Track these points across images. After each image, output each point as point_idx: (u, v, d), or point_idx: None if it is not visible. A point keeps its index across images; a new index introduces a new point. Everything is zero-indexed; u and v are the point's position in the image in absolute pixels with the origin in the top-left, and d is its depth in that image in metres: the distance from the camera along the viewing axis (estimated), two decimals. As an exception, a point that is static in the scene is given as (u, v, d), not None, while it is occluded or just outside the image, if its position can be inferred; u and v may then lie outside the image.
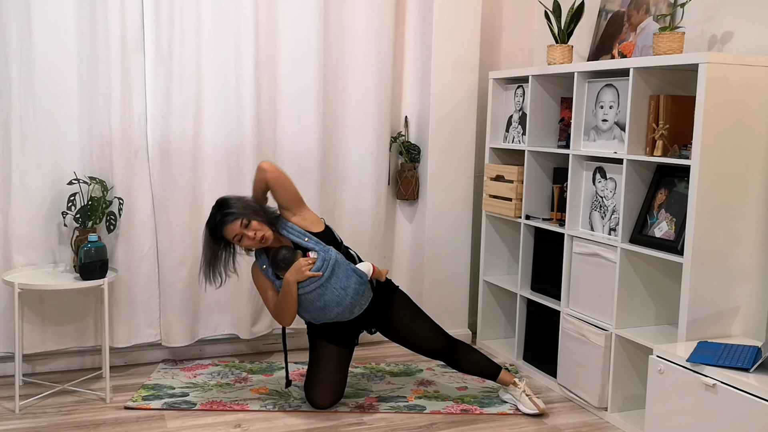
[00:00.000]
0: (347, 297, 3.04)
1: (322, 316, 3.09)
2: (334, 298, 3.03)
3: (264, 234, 3.04)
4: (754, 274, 2.86)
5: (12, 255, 3.38)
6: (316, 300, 3.04)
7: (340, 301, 3.04)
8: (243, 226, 3.01)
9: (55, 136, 3.39)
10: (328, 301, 3.04)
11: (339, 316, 3.09)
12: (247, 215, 3.02)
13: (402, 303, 3.29)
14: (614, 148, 3.16)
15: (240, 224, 3.01)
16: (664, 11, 3.26)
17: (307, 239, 3.11)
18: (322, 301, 3.04)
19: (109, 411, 3.15)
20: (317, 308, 3.07)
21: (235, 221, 3.01)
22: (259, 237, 3.02)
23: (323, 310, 3.07)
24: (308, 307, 3.08)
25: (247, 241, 3.04)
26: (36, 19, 3.29)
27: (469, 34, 4.01)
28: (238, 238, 3.04)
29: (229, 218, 3.02)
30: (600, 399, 3.18)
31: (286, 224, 3.14)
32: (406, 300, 3.32)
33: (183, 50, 3.51)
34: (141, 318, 3.62)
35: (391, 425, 3.08)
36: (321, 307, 3.06)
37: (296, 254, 3.08)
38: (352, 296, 3.05)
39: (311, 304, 3.06)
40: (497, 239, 4.07)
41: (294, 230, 3.13)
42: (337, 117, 3.88)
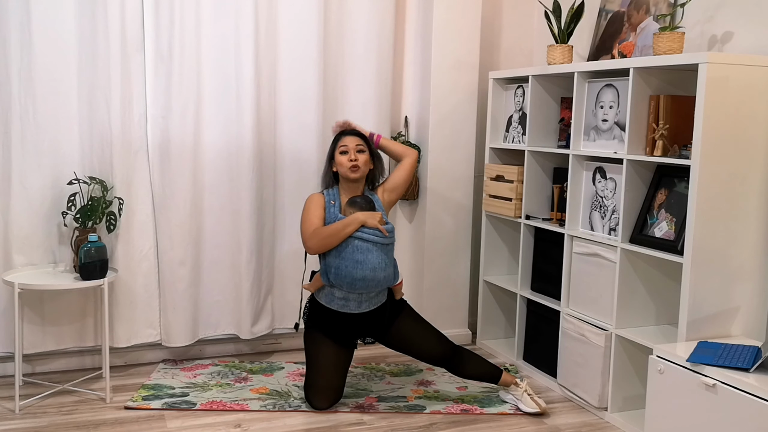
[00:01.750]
0: (381, 272, 3.08)
1: (350, 269, 3.04)
2: (373, 262, 3.05)
3: (361, 167, 3.19)
4: (754, 274, 2.86)
5: (12, 255, 3.38)
6: (360, 251, 3.05)
7: (374, 268, 3.06)
8: (358, 147, 3.20)
9: (55, 136, 3.39)
10: (368, 259, 3.04)
11: (360, 283, 3.05)
12: (370, 149, 3.25)
13: (406, 314, 3.31)
14: (614, 148, 3.16)
15: (359, 144, 3.21)
16: (664, 11, 3.26)
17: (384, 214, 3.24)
18: (365, 255, 3.04)
19: (109, 411, 3.16)
20: (353, 259, 3.04)
21: (360, 140, 3.23)
22: (357, 162, 3.17)
23: (356, 264, 3.04)
24: (347, 253, 3.05)
25: (344, 158, 3.18)
26: (36, 19, 3.29)
27: (469, 34, 4.01)
28: (345, 148, 3.19)
29: (359, 135, 3.25)
30: (600, 399, 3.18)
31: (374, 195, 3.30)
32: (410, 312, 3.34)
33: (183, 50, 3.51)
34: (141, 318, 3.62)
35: (391, 425, 3.08)
36: (357, 260, 3.04)
37: (374, 208, 3.20)
38: (384, 277, 3.10)
39: (352, 252, 3.05)
40: (497, 239, 4.07)
41: (378, 201, 3.27)
42: (338, 117, 3.87)
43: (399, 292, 3.30)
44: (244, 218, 3.70)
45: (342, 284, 3.08)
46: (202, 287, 3.73)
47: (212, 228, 3.70)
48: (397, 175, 3.35)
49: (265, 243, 3.80)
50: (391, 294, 3.27)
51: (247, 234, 3.71)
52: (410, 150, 3.40)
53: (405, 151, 3.39)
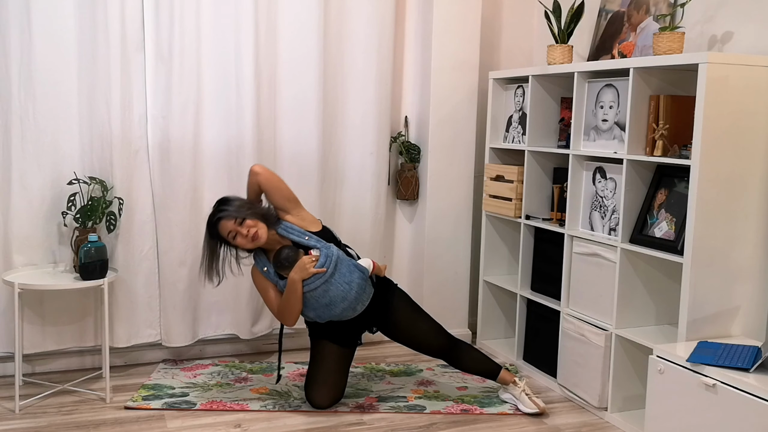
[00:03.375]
0: (352, 291, 3.05)
1: (328, 312, 3.10)
2: (339, 293, 3.04)
3: (257, 231, 3.05)
4: (754, 274, 2.86)
5: (12, 255, 3.38)
6: (321, 297, 3.05)
7: (345, 296, 3.05)
8: (237, 223, 3.04)
9: (55, 136, 3.39)
10: (333, 296, 3.05)
11: (344, 312, 3.09)
12: (241, 213, 3.05)
13: (402, 301, 3.30)
14: (614, 148, 3.16)
15: (234, 222, 3.04)
16: (664, 11, 3.26)
17: (308, 237, 3.13)
18: (327, 297, 3.05)
19: (109, 411, 3.15)
20: (322, 305, 3.07)
21: (229, 218, 3.05)
22: (252, 234, 3.03)
23: (328, 307, 3.07)
24: (313, 304, 3.08)
25: (240, 239, 3.05)
26: (36, 19, 3.29)
27: (469, 34, 4.01)
28: (232, 235, 3.06)
29: (224, 215, 3.06)
30: (600, 399, 3.18)
31: (285, 224, 3.15)
32: (405, 298, 3.33)
33: (183, 50, 3.51)
34: (141, 318, 3.62)
35: (391, 425, 3.08)
36: (326, 304, 3.06)
37: (298, 253, 3.09)
38: (356, 291, 3.07)
39: (316, 301, 3.07)
40: (497, 239, 4.07)
41: (293, 230, 3.14)
42: (337, 117, 3.88)
43: (381, 271, 3.24)
44: (244, 218, 3.70)
45: (332, 319, 3.14)
46: (202, 287, 3.73)
47: (212, 228, 3.70)
48: (270, 196, 3.17)
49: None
50: (377, 278, 3.23)
51: (247, 234, 3.71)
52: (251, 171, 3.16)
53: (252, 179, 3.16)
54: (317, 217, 3.61)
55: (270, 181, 3.16)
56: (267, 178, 3.15)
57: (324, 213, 3.85)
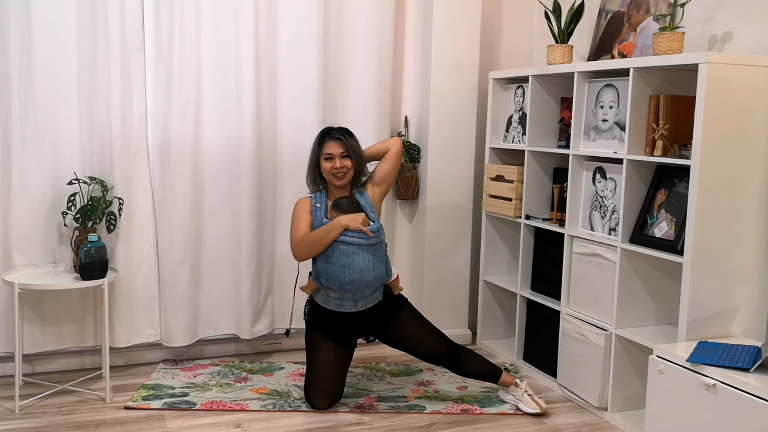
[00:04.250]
0: (371, 273, 3.10)
1: (338, 274, 3.08)
2: (361, 265, 3.07)
3: (345, 173, 3.19)
4: (754, 274, 2.86)
5: (12, 255, 3.38)
6: (346, 255, 3.07)
7: (362, 271, 3.07)
8: (340, 153, 3.17)
9: (55, 136, 3.39)
10: (354, 263, 3.07)
11: (350, 286, 3.08)
12: (351, 151, 3.19)
13: (407, 311, 3.31)
14: (614, 148, 3.16)
15: (341, 149, 3.18)
16: (664, 11, 3.26)
17: (372, 211, 3.23)
18: (350, 259, 3.07)
19: (109, 411, 3.16)
20: (340, 263, 3.07)
21: (340, 145, 3.19)
22: (340, 171, 3.17)
23: (343, 269, 3.07)
24: (333, 258, 3.09)
25: (328, 164, 3.18)
26: (36, 19, 3.29)
27: (469, 34, 4.01)
28: (327, 156, 3.19)
29: (341, 138, 3.20)
30: (600, 399, 3.18)
31: (363, 192, 3.26)
32: (411, 309, 3.34)
33: (183, 50, 3.51)
34: (141, 318, 3.62)
35: (391, 425, 3.08)
36: (344, 264, 3.07)
37: (359, 210, 3.19)
38: (374, 277, 3.11)
39: (339, 256, 3.08)
40: (497, 239, 4.07)
41: (366, 198, 3.26)
42: (337, 117, 3.88)
43: (397, 288, 3.30)
44: (244, 218, 3.70)
45: (333, 287, 3.12)
46: (202, 287, 3.73)
47: (212, 228, 3.70)
48: (383, 166, 3.32)
49: (265, 243, 3.80)
50: (389, 291, 3.27)
51: (247, 234, 3.71)
52: (392, 140, 3.37)
53: (387, 144, 3.35)
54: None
55: (396, 156, 3.31)
56: (398, 153, 3.31)
57: (324, 213, 3.85)
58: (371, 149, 3.35)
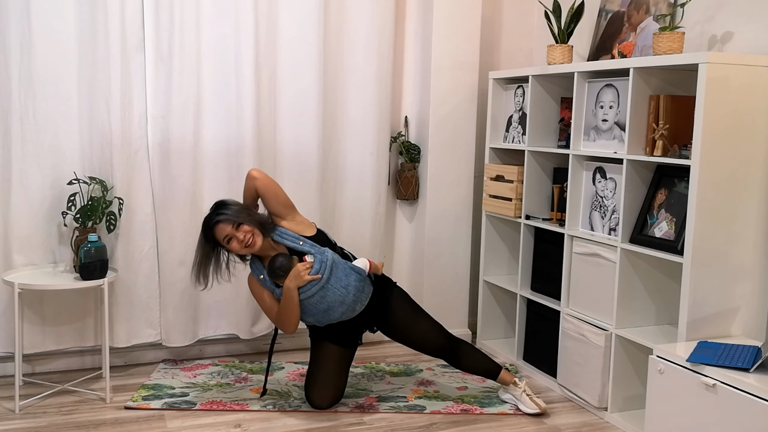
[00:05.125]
0: (349, 295, 3.05)
1: (327, 317, 3.10)
2: (337, 298, 3.04)
3: (253, 238, 3.04)
4: (754, 274, 2.86)
5: (12, 255, 3.38)
6: (318, 303, 3.05)
7: (342, 300, 3.05)
8: (234, 227, 3.03)
9: (55, 136, 3.39)
10: (331, 302, 3.05)
11: (343, 315, 3.10)
12: (238, 218, 3.04)
13: (401, 300, 3.30)
14: (614, 148, 3.16)
15: (231, 226, 3.03)
16: (664, 11, 3.26)
17: (302, 243, 3.12)
18: (325, 303, 3.05)
19: (109, 411, 3.16)
20: (321, 311, 3.07)
21: (227, 222, 3.04)
22: (248, 239, 3.03)
23: (327, 312, 3.07)
24: (312, 311, 3.08)
25: (235, 244, 3.05)
26: (36, 19, 3.29)
27: (469, 34, 4.01)
28: (227, 239, 3.05)
29: (221, 218, 3.05)
30: (600, 399, 3.18)
31: (280, 230, 3.15)
32: (404, 297, 3.32)
33: (183, 50, 3.51)
34: (141, 318, 3.62)
35: (391, 425, 3.08)
36: (324, 309, 3.06)
37: (293, 260, 3.09)
38: (354, 293, 3.06)
39: (314, 307, 3.06)
40: (497, 239, 4.07)
41: (287, 235, 3.14)
42: (337, 117, 3.88)
43: (378, 270, 3.22)
44: (244, 218, 3.70)
45: (332, 323, 3.14)
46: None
47: (212, 228, 3.70)
48: (267, 202, 3.16)
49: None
50: (375, 277, 3.23)
51: (247, 234, 3.71)
52: (248, 176, 3.17)
53: (249, 184, 3.16)
54: (317, 216, 3.62)
55: (268, 186, 3.15)
56: (265, 183, 3.15)
57: (324, 213, 3.85)
58: (245, 199, 3.20)
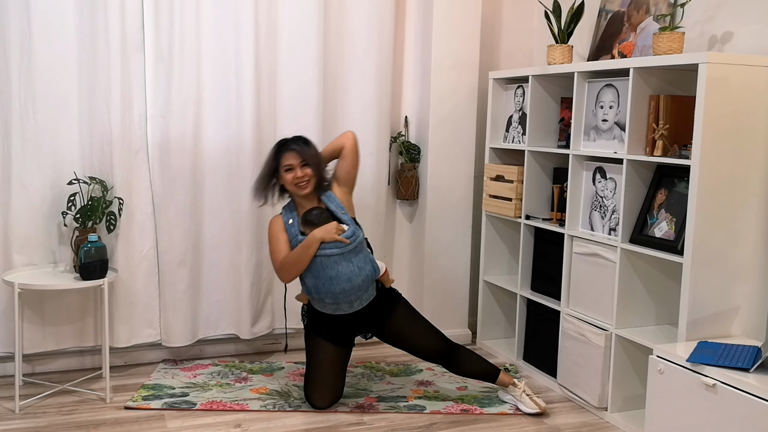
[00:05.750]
0: (358, 278, 3.08)
1: (327, 286, 3.09)
2: (347, 273, 3.07)
3: (308, 183, 3.14)
4: (754, 274, 2.86)
5: (12, 255, 3.38)
6: (329, 267, 3.06)
7: (350, 278, 3.07)
8: (300, 163, 3.12)
9: (55, 136, 3.39)
10: (340, 272, 3.06)
11: (341, 295, 3.09)
12: (308, 158, 3.14)
13: (402, 306, 3.30)
14: (614, 148, 3.16)
15: (299, 160, 3.13)
16: (664, 11, 3.26)
17: (344, 212, 3.20)
18: (335, 270, 3.06)
19: (109, 411, 3.16)
20: (326, 276, 3.07)
21: (297, 155, 3.13)
22: (303, 181, 3.12)
23: (331, 281, 3.07)
24: (318, 272, 3.08)
25: (290, 176, 3.13)
26: (36, 19, 3.29)
27: (469, 34, 4.01)
28: (287, 168, 3.14)
29: (296, 148, 3.15)
30: (600, 399, 3.18)
31: (330, 194, 3.23)
32: (405, 304, 3.33)
33: (183, 50, 3.51)
34: (141, 318, 3.62)
35: (391, 425, 3.08)
36: (330, 276, 3.07)
37: (330, 217, 3.15)
38: (362, 280, 3.10)
39: (323, 269, 3.07)
40: (497, 239, 4.07)
41: (334, 200, 3.22)
42: (337, 117, 3.88)
43: (387, 281, 3.28)
44: (243, 218, 3.70)
45: (325, 299, 3.13)
46: (202, 287, 3.73)
47: (212, 228, 3.70)
48: (342, 164, 3.27)
49: (265, 243, 3.78)
50: (381, 285, 3.26)
51: (246, 234, 3.71)
52: (346, 135, 3.29)
53: (341, 141, 3.28)
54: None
55: (353, 152, 3.25)
56: (353, 147, 3.25)
57: (324, 213, 3.85)
58: (327, 149, 3.31)
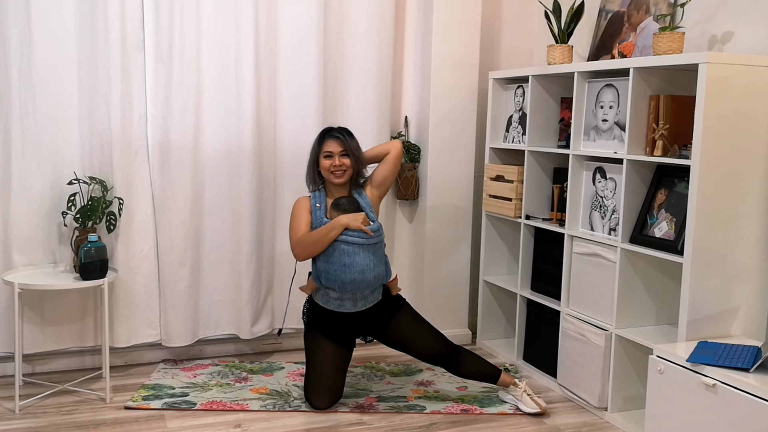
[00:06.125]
0: (370, 273, 3.10)
1: (339, 273, 3.08)
2: (361, 264, 3.08)
3: (344, 172, 3.21)
4: (754, 274, 2.86)
5: (12, 255, 3.38)
6: (346, 254, 3.08)
7: (363, 270, 3.08)
8: (341, 152, 3.19)
9: (55, 136, 3.39)
10: (355, 262, 3.08)
11: (350, 285, 3.09)
12: (350, 150, 3.21)
13: (404, 310, 3.31)
14: (614, 148, 3.16)
15: (340, 149, 3.20)
16: (664, 11, 3.26)
17: (371, 211, 3.24)
18: (351, 258, 3.08)
19: (109, 411, 3.16)
20: (341, 263, 3.08)
21: (340, 144, 3.21)
22: (340, 168, 3.19)
23: (344, 268, 3.08)
24: (334, 257, 3.10)
25: (328, 162, 3.19)
26: (36, 19, 3.29)
27: (469, 34, 4.01)
28: (327, 154, 3.21)
29: (340, 137, 3.22)
30: (600, 399, 3.18)
31: (362, 192, 3.28)
32: (408, 308, 3.34)
33: (183, 50, 3.51)
34: (141, 318, 3.62)
35: (391, 425, 3.08)
36: (345, 264, 3.08)
37: (359, 209, 3.20)
38: (374, 276, 3.12)
39: (339, 256, 3.09)
40: (497, 239, 4.07)
41: (365, 198, 3.27)
42: (338, 117, 3.88)
43: (395, 288, 3.31)
44: (244, 218, 3.70)
45: (333, 287, 3.12)
46: (202, 287, 3.73)
47: (212, 228, 3.70)
48: (382, 168, 3.33)
49: (265, 243, 3.80)
50: (387, 291, 3.28)
51: (247, 234, 3.71)
52: (393, 143, 3.39)
53: (388, 147, 3.36)
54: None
55: (396, 159, 3.32)
56: (398, 155, 3.33)
57: (324, 213, 3.85)
58: (371, 151, 3.35)
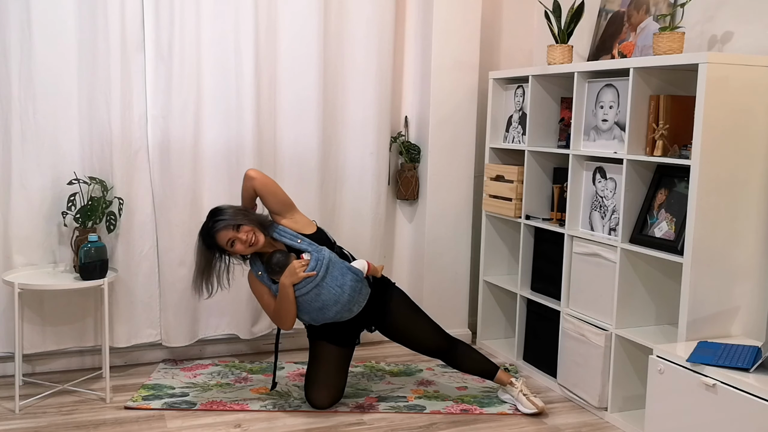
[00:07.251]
0: (344, 295, 3.05)
1: (322, 316, 3.10)
2: (332, 297, 3.05)
3: (255, 236, 3.07)
4: (754, 274, 2.86)
5: (12, 255, 3.38)
6: (313, 300, 3.05)
7: (337, 299, 3.05)
8: (234, 230, 3.05)
9: (55, 136, 3.39)
10: (325, 300, 3.05)
11: (338, 314, 3.10)
12: (237, 220, 3.06)
13: (400, 300, 3.30)
14: (614, 148, 3.16)
15: (232, 229, 3.05)
16: (664, 11, 3.26)
17: (300, 241, 3.14)
18: (320, 301, 3.05)
19: (109, 411, 3.16)
20: (315, 309, 3.07)
21: (227, 227, 3.05)
22: (250, 238, 3.05)
23: (322, 310, 3.07)
24: (306, 308, 3.09)
25: (239, 246, 3.06)
26: (36, 19, 3.29)
27: (469, 34, 4.01)
28: (230, 243, 3.06)
29: (220, 224, 3.06)
30: (600, 399, 3.18)
31: (278, 228, 3.17)
32: (403, 297, 3.33)
33: (183, 50, 3.51)
34: (141, 318, 3.62)
35: (391, 425, 3.08)
36: (319, 308, 3.07)
37: (290, 257, 3.10)
38: (349, 293, 3.06)
39: (309, 305, 3.07)
40: (497, 239, 4.07)
41: (286, 233, 3.15)
42: (337, 117, 3.88)
43: (377, 272, 3.23)
44: (244, 218, 3.70)
45: (327, 322, 3.15)
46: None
47: (212, 228, 3.70)
48: (266, 201, 3.18)
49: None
50: (373, 278, 3.24)
51: (247, 234, 3.71)
52: (245, 176, 3.18)
53: (247, 184, 3.17)
54: (316, 217, 3.62)
55: (266, 185, 3.17)
56: (263, 182, 3.16)
57: (324, 213, 3.85)
58: (243, 199, 3.22)
